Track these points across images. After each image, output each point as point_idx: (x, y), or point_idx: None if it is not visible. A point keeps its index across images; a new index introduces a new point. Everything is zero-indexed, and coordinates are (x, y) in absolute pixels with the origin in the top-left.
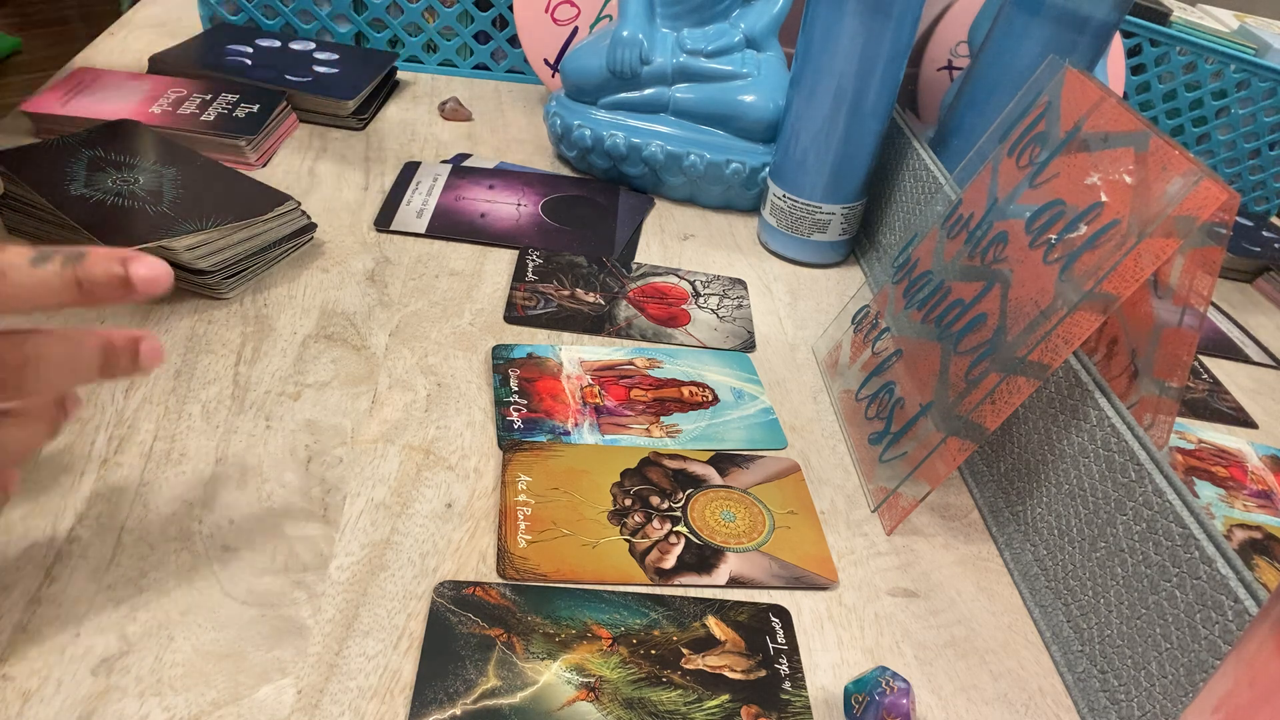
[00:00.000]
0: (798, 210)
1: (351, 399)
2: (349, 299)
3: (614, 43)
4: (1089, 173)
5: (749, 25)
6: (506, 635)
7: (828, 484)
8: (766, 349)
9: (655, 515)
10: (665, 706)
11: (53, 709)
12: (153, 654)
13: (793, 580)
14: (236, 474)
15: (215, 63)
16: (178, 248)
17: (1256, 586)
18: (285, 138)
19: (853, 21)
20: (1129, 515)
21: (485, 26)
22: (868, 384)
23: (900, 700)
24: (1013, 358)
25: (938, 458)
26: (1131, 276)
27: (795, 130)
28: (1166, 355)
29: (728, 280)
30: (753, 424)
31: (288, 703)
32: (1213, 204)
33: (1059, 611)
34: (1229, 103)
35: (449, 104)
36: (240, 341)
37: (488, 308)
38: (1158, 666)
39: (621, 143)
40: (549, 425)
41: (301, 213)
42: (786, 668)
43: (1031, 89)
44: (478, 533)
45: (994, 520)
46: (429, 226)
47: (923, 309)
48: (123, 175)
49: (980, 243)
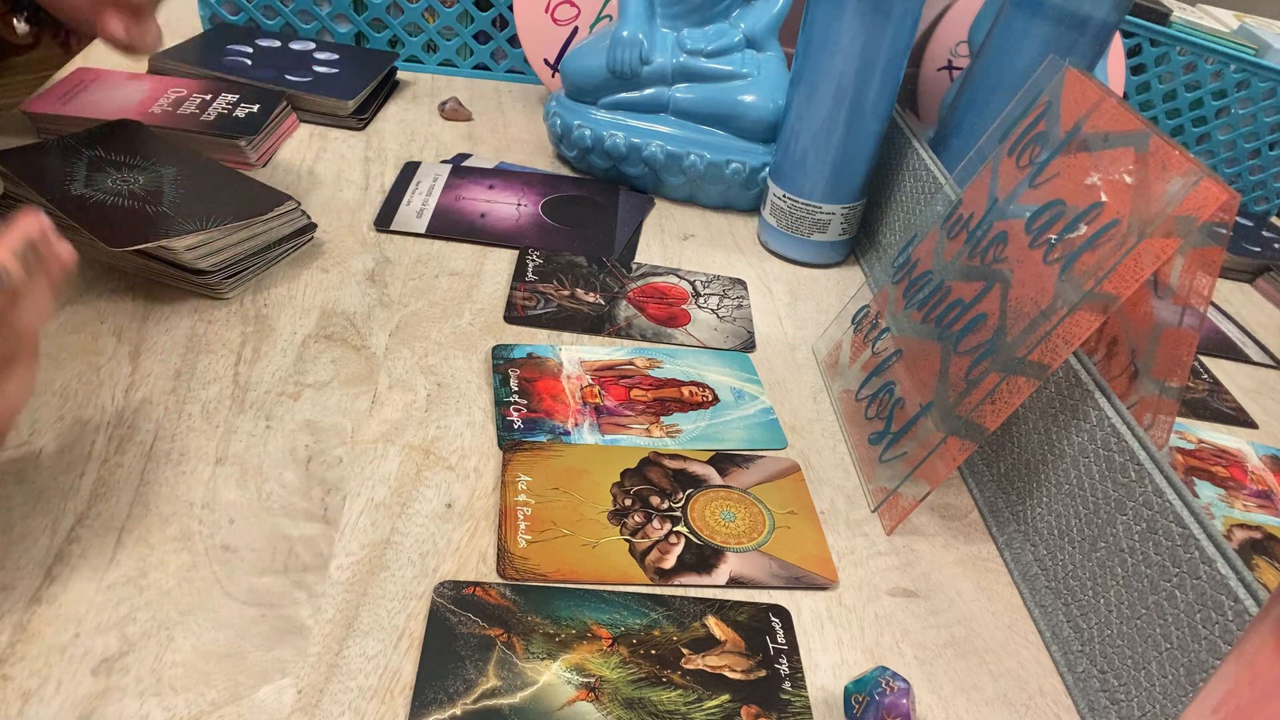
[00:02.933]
0: (798, 210)
1: (351, 399)
2: (349, 299)
3: (614, 43)
4: (1089, 173)
5: (749, 25)
6: (506, 635)
7: (828, 484)
8: (766, 349)
9: (655, 515)
10: (665, 706)
11: (53, 709)
12: (153, 654)
13: (793, 580)
14: (236, 474)
15: (215, 63)
16: (178, 248)
17: (1256, 586)
18: (285, 138)
19: (853, 21)
20: (1129, 515)
21: (485, 26)
22: (868, 384)
23: (900, 700)
24: (1013, 358)
25: (938, 458)
26: (1131, 276)
27: (795, 130)
28: (1166, 355)
29: (728, 280)
30: (753, 424)
31: (288, 703)
32: (1213, 204)
33: (1059, 611)
34: (1229, 103)
35: (449, 104)
36: (240, 341)
37: (488, 308)
38: (1158, 666)
39: (621, 143)
40: (549, 425)
41: (301, 213)
42: (786, 668)
43: (1031, 89)
44: (478, 533)
45: (994, 520)
46: (429, 226)
47: (923, 309)
48: (123, 175)
49: (980, 243)
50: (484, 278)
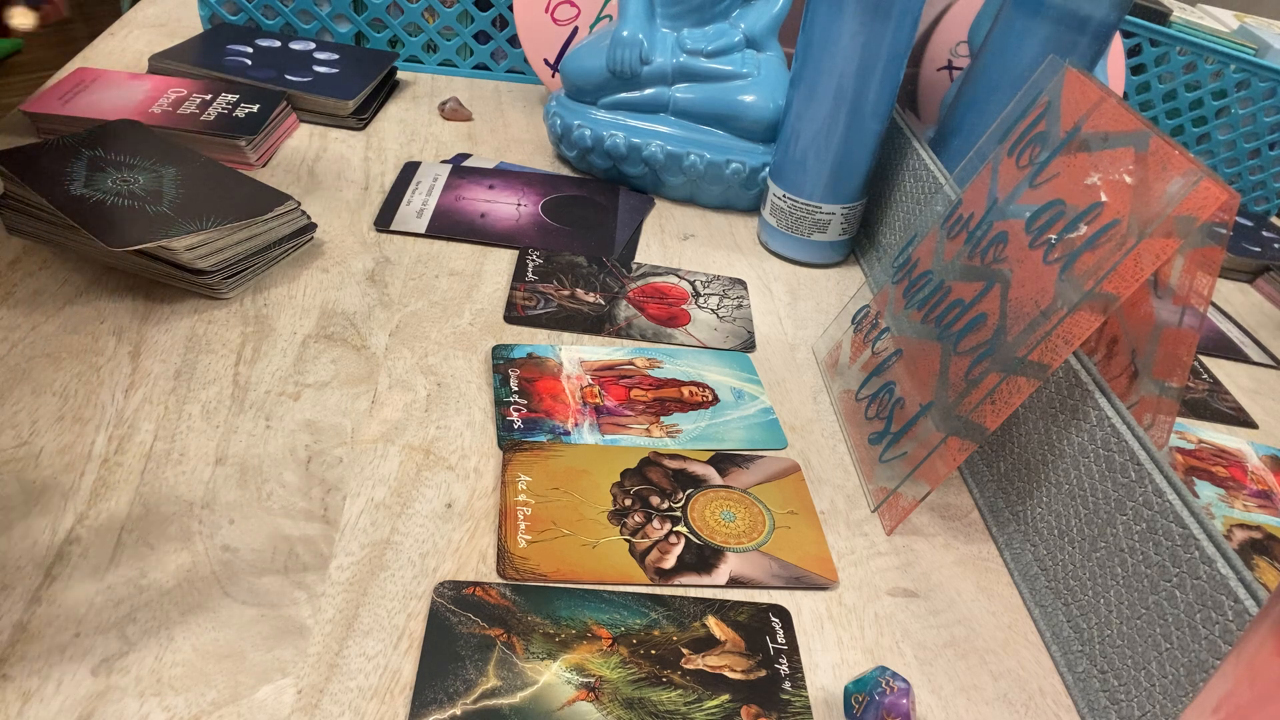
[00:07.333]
0: (798, 210)
1: (351, 399)
2: (349, 299)
3: (614, 43)
4: (1089, 173)
5: (749, 25)
6: (506, 635)
7: (828, 484)
8: (766, 349)
9: (655, 515)
10: (665, 706)
11: (53, 709)
12: (153, 654)
13: (793, 580)
14: (236, 474)
15: (215, 63)
16: (178, 248)
17: (1256, 586)
18: (285, 138)
19: (853, 21)
20: (1129, 515)
21: (485, 26)
22: (868, 384)
23: (900, 700)
24: (1013, 358)
25: (938, 458)
26: (1131, 276)
27: (795, 130)
28: (1166, 355)
29: (728, 280)
30: (753, 424)
31: (288, 703)
32: (1213, 204)
33: (1059, 611)
34: (1229, 103)
35: (449, 104)
36: (240, 341)
37: (488, 308)
38: (1158, 666)
39: (621, 143)
40: (549, 425)
41: (301, 213)
42: (786, 668)
43: (1031, 89)
44: (478, 533)
45: (994, 520)
46: (429, 226)
47: (923, 309)
48: (123, 175)
49: (980, 243)
50: (484, 278)
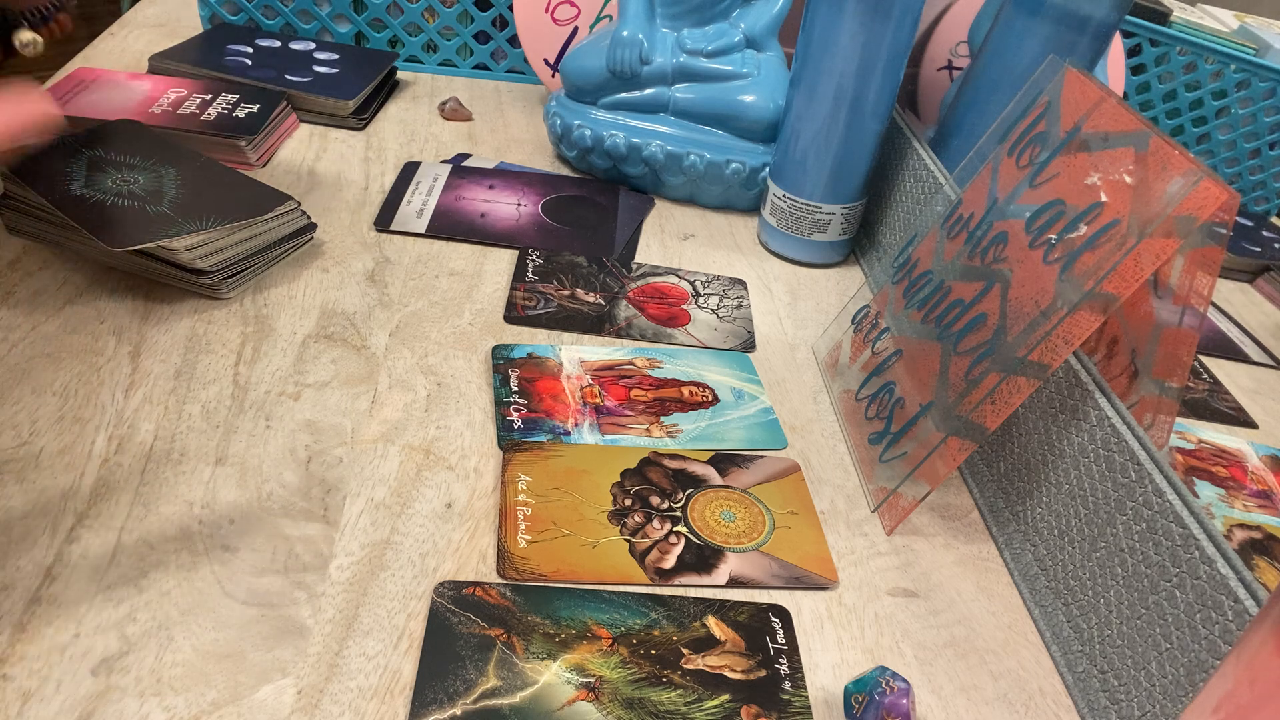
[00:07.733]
0: (798, 210)
1: (351, 399)
2: (349, 299)
3: (614, 43)
4: (1089, 173)
5: (749, 25)
6: (506, 635)
7: (828, 484)
8: (766, 349)
9: (655, 515)
10: (665, 706)
11: (53, 709)
12: (153, 654)
13: (793, 580)
14: (236, 474)
15: (215, 63)
16: (178, 248)
17: (1256, 586)
18: (285, 138)
19: (853, 21)
20: (1129, 515)
21: (485, 26)
22: (868, 384)
23: (900, 700)
24: (1013, 358)
25: (938, 458)
26: (1131, 276)
27: (795, 130)
28: (1166, 355)
29: (728, 280)
30: (753, 424)
31: (288, 703)
32: (1213, 204)
33: (1059, 611)
34: (1229, 103)
35: (449, 104)
36: (240, 341)
37: (488, 308)
38: (1158, 666)
39: (621, 143)
40: (549, 425)
41: (301, 213)
42: (786, 668)
43: (1031, 89)
44: (478, 533)
45: (994, 520)
46: (429, 226)
47: (923, 309)
48: (123, 175)
49: (980, 243)
50: (484, 278)
